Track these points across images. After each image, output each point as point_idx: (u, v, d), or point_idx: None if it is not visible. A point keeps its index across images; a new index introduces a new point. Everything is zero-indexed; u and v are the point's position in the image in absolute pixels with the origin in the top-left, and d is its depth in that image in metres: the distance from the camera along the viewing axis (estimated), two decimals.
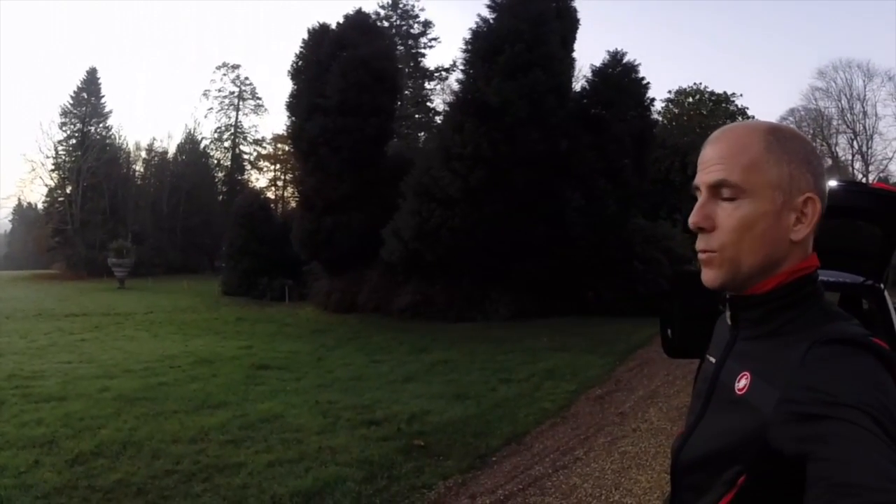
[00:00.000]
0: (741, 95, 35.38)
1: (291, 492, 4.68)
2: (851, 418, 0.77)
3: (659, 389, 8.63)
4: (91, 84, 49.82)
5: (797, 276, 0.99)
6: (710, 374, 1.10)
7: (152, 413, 6.95)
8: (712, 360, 1.13)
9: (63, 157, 47.96)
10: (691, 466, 1.06)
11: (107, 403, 7.34)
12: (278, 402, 7.60)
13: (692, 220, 1.01)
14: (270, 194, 54.08)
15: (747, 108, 34.55)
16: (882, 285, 4.85)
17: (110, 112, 50.66)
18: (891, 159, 41.50)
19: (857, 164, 41.81)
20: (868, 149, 41.68)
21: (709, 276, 1.02)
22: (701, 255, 1.02)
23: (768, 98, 79.92)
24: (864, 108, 41.47)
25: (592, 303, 17.50)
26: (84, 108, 48.94)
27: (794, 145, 0.99)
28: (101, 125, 49.65)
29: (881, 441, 0.75)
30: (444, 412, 7.20)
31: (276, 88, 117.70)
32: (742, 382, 0.98)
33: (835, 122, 42.62)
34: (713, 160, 1.00)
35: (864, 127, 41.54)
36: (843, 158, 42.03)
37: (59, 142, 48.26)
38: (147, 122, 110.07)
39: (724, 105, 34.32)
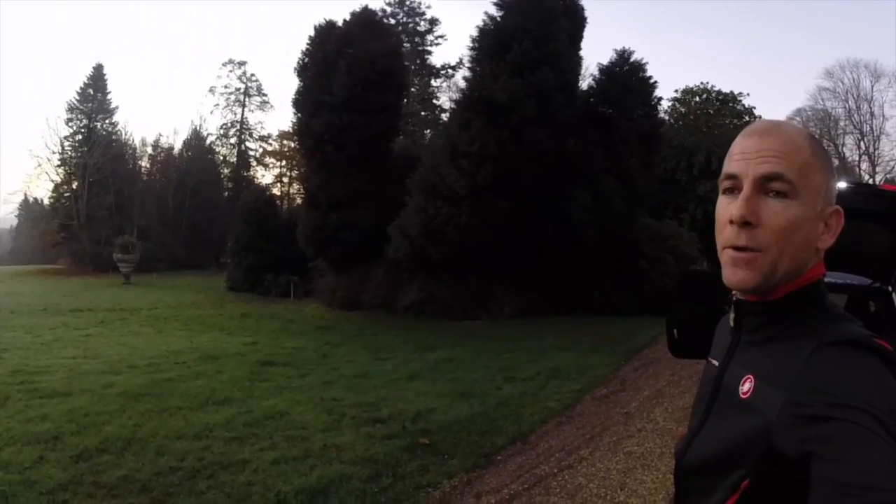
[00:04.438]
0: (748, 95, 35.09)
1: (296, 489, 4.67)
2: (856, 419, 0.78)
3: (664, 389, 8.62)
4: (97, 80, 49.80)
5: (806, 283, 0.99)
6: (714, 378, 1.10)
7: (157, 409, 6.94)
8: (715, 363, 1.13)
9: (69, 153, 47.93)
10: (695, 469, 1.07)
11: (111, 399, 7.33)
12: (283, 399, 7.59)
13: (741, 212, 0.96)
14: (276, 191, 54.03)
15: (754, 108, 34.36)
16: (890, 288, 4.82)
17: (116, 108, 50.55)
18: None
19: (864, 165, 41.91)
20: (875, 150, 41.76)
21: (742, 277, 0.98)
22: (736, 254, 0.98)
23: (775, 98, 79.70)
24: (871, 108, 41.53)
25: (598, 301, 17.48)
26: (90, 104, 48.90)
27: (828, 158, 1.00)
28: (107, 121, 49.57)
29: (885, 442, 0.75)
30: (449, 411, 7.20)
31: (283, 85, 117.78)
32: (746, 386, 0.99)
33: (842, 123, 42.72)
34: (767, 151, 0.96)
35: (872, 128, 41.62)
36: (849, 159, 42.14)
37: (66, 137, 48.18)
38: (153, 119, 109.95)
39: (730, 104, 34.14)
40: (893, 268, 4.83)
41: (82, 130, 48.24)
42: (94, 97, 49.10)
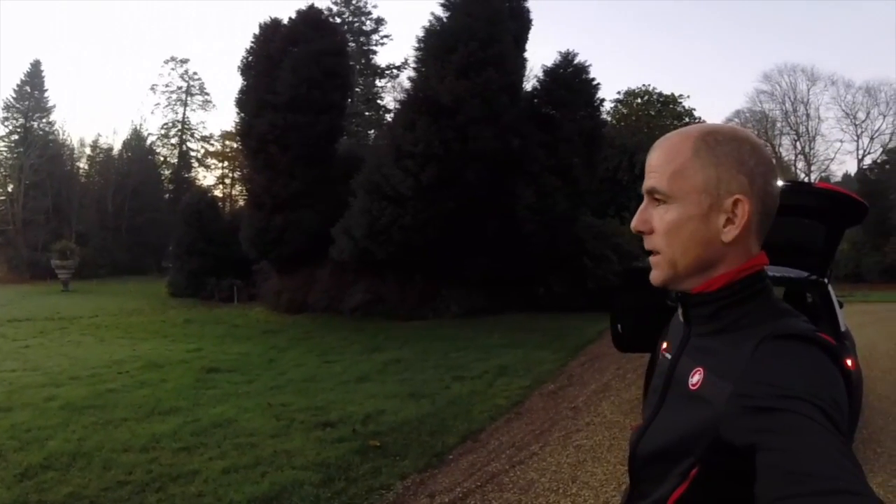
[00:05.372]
0: (689, 97, 36.30)
1: (248, 498, 4.62)
2: (801, 410, 0.81)
3: (610, 383, 8.83)
4: (35, 77, 48.15)
5: (744, 274, 1.02)
6: (666, 370, 1.14)
7: (101, 421, 6.74)
8: (668, 355, 1.17)
9: (4, 154, 46.33)
10: (648, 459, 1.11)
11: (54, 413, 7.09)
12: (230, 406, 7.46)
13: (633, 224, 1.10)
14: (218, 192, 53.18)
15: (694, 110, 35.39)
16: (826, 280, 5.08)
17: (54, 107, 49.08)
18: (832, 160, 43.68)
19: (800, 164, 43.68)
20: (811, 150, 43.66)
21: (653, 276, 1.09)
22: (650, 257, 1.09)
23: (715, 100, 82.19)
24: (807, 110, 43.46)
25: (544, 299, 17.74)
26: (27, 103, 47.25)
27: (727, 148, 1.01)
28: (44, 120, 48.01)
29: (829, 431, 0.80)
30: (399, 412, 7.21)
31: (226, 84, 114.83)
32: (696, 378, 1.02)
33: (779, 124, 44.44)
34: (650, 168, 1.07)
35: (807, 129, 43.45)
36: (786, 159, 43.91)
37: (1, 137, 46.54)
38: (92, 118, 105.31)
39: (671, 106, 35.03)
40: (829, 261, 5.10)
41: (18, 130, 46.66)
42: (31, 95, 47.58)
